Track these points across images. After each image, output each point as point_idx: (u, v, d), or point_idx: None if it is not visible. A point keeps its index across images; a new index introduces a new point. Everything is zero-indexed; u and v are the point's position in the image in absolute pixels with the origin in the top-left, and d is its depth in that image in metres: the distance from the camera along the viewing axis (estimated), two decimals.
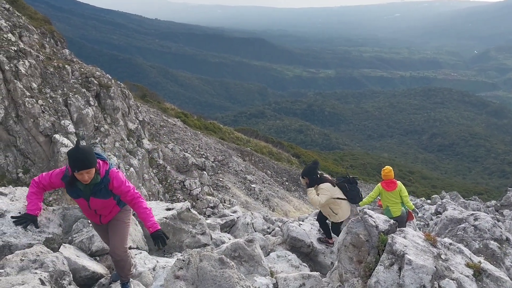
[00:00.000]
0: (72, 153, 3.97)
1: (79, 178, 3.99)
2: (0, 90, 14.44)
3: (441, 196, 24.85)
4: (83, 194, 4.22)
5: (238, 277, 2.84)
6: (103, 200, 4.29)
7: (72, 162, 3.91)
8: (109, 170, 4.29)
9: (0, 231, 3.53)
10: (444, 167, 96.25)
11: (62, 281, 2.85)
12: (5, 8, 17.86)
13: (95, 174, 4.10)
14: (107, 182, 4.22)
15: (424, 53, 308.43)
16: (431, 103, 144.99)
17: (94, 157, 4.09)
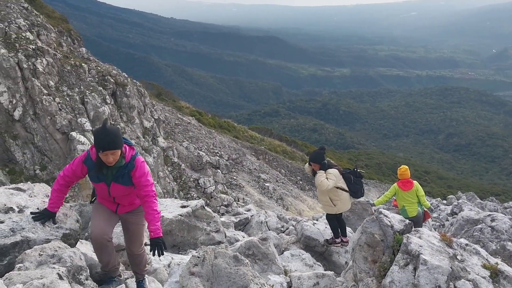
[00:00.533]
0: (98, 131, 3.83)
1: (103, 159, 3.85)
2: (18, 88, 14.67)
3: (457, 196, 24.58)
4: (105, 178, 4.06)
5: (252, 274, 2.85)
6: (124, 187, 4.10)
7: (98, 141, 3.77)
8: (136, 156, 4.13)
9: (19, 226, 3.60)
10: (460, 167, 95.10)
11: (79, 276, 2.90)
12: (24, 7, 18.12)
13: (120, 157, 3.95)
14: (131, 167, 4.05)
15: (441, 52, 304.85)
16: (448, 103, 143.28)
17: (121, 138, 3.95)
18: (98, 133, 3.80)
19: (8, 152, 14.42)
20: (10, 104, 14.38)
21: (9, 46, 15.23)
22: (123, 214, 4.36)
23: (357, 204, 11.82)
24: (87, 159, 4.03)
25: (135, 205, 4.36)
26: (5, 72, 14.40)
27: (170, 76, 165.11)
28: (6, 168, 14.14)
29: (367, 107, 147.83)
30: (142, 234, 4.48)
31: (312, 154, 7.72)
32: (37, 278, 2.54)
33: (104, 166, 3.96)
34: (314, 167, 7.53)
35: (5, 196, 3.98)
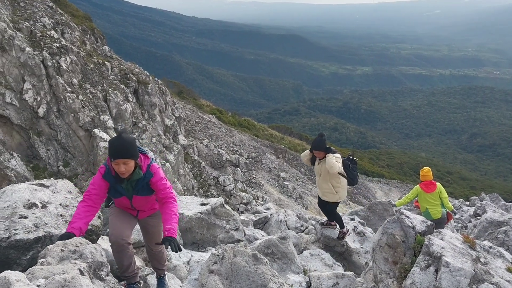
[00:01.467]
0: (112, 140, 3.76)
1: (115, 168, 3.74)
2: (43, 85, 14.95)
3: (481, 197, 24.11)
4: (126, 192, 3.99)
5: (271, 273, 2.84)
6: (146, 197, 4.08)
7: (111, 149, 3.71)
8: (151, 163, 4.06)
9: (42, 222, 3.67)
10: (484, 168, 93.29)
11: (100, 272, 2.93)
12: (49, 6, 18.44)
13: (137, 169, 3.87)
14: (150, 177, 3.99)
15: (465, 50, 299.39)
16: (472, 102, 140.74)
17: (136, 149, 3.84)
18: (112, 141, 3.75)
19: (32, 148, 14.71)
20: (35, 101, 14.66)
21: (34, 44, 15.53)
22: (143, 218, 4.33)
23: (378, 204, 11.72)
24: (106, 174, 3.92)
25: (155, 210, 4.34)
26: (30, 70, 14.68)
27: (191, 74, 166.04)
28: (30, 164, 14.43)
29: (389, 106, 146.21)
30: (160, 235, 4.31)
31: (315, 142, 7.45)
32: (59, 273, 2.57)
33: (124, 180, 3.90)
34: (318, 155, 7.44)
35: (28, 192, 4.05)
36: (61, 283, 2.45)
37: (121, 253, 3.92)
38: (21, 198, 3.90)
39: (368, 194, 33.73)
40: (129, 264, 4.05)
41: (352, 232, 8.60)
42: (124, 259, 3.98)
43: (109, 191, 4.01)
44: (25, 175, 13.29)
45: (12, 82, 14.25)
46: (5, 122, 14.11)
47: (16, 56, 14.45)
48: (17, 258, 3.39)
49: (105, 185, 3.91)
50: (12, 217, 3.62)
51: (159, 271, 4.54)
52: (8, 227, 3.48)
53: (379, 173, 49.38)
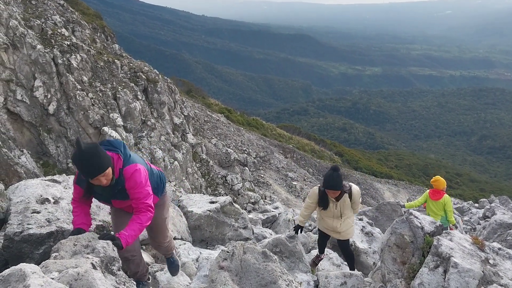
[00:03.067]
0: (76, 159, 3.27)
1: (96, 183, 3.39)
2: (53, 83, 15.07)
3: (490, 200, 23.96)
4: (103, 198, 3.68)
5: (280, 271, 2.86)
6: (126, 201, 3.70)
7: (81, 169, 3.29)
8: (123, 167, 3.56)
9: (54, 217, 3.72)
10: (494, 170, 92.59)
11: (112, 267, 2.97)
12: (60, 4, 18.59)
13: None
14: (122, 182, 3.56)
15: (476, 51, 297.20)
16: (482, 104, 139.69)
17: (105, 156, 3.35)
18: (77, 160, 3.27)
19: (42, 145, 14.84)
20: (45, 99, 14.79)
21: (45, 42, 15.65)
22: None
23: (386, 205, 11.70)
24: (79, 179, 3.57)
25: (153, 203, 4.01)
26: (41, 67, 14.81)
27: (200, 73, 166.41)
28: (40, 161, 14.55)
29: (398, 107, 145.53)
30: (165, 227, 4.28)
31: (330, 179, 5.72)
32: (72, 267, 2.62)
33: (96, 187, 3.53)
34: (334, 195, 5.81)
35: (41, 188, 4.11)
36: (74, 277, 2.49)
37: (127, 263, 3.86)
38: (34, 194, 3.96)
39: (376, 195, 33.62)
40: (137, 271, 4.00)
41: (360, 232, 8.60)
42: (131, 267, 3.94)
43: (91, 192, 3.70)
44: (35, 172, 13.41)
45: (23, 79, 14.39)
46: (16, 119, 14.25)
47: (27, 53, 14.58)
48: (30, 252, 3.44)
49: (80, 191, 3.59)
50: (25, 212, 3.68)
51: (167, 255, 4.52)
52: (21, 221, 3.54)
53: (388, 174, 49.20)
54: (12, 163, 12.83)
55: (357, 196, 5.98)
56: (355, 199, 5.94)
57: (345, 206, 5.94)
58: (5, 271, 2.31)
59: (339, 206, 5.90)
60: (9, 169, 12.60)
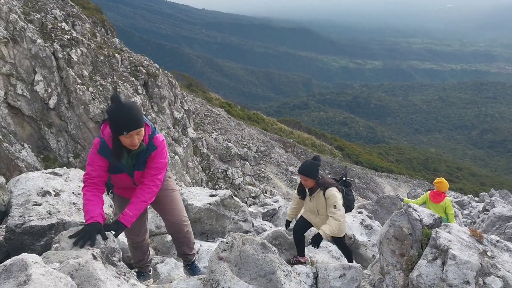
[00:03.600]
0: (116, 110, 3.07)
1: (127, 142, 3.14)
2: (54, 77, 15.09)
3: (490, 193, 23.99)
4: (126, 168, 3.41)
5: (279, 261, 2.90)
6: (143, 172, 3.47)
7: (120, 121, 3.05)
8: (153, 135, 3.40)
9: (55, 209, 3.75)
10: (494, 164, 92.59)
11: (113, 257, 3.01)
12: None
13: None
14: (153, 150, 3.39)
15: (477, 45, 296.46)
16: (483, 98, 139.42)
17: (142, 114, 3.22)
18: (117, 111, 3.06)
19: (43, 139, 14.88)
20: (46, 93, 14.82)
21: (45, 36, 15.66)
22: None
23: (386, 198, 11.74)
24: (102, 148, 3.27)
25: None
26: (41, 62, 14.82)
27: (201, 67, 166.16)
28: (41, 155, 14.60)
29: (399, 100, 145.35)
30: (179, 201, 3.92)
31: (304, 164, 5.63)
32: (73, 258, 2.65)
33: (124, 154, 3.31)
34: (305, 182, 5.60)
35: (42, 180, 4.14)
36: (75, 267, 2.53)
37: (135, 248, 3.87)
38: (35, 186, 4.00)
39: (377, 189, 33.67)
40: (142, 258, 3.97)
41: (360, 225, 8.64)
42: (137, 253, 3.91)
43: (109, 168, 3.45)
44: (36, 166, 13.46)
45: (23, 74, 14.41)
46: (17, 113, 14.28)
47: (27, 47, 14.59)
48: (31, 244, 3.48)
49: (103, 162, 3.31)
50: (26, 204, 3.72)
51: (188, 256, 4.12)
52: (22, 214, 3.58)
53: (388, 168, 49.24)
54: (13, 157, 12.88)
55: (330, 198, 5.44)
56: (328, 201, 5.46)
57: (320, 203, 5.58)
58: (7, 261, 2.34)
59: (314, 201, 5.64)
60: (10, 163, 12.65)
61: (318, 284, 5.31)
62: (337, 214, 5.42)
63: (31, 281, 2.15)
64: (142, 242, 3.80)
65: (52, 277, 2.26)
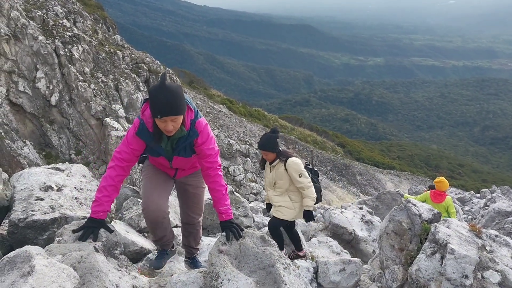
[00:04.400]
0: (156, 91, 2.91)
1: (161, 126, 3.01)
2: (55, 74, 15.13)
3: (491, 190, 24.01)
4: (164, 152, 3.33)
5: (278, 254, 2.93)
6: (188, 159, 3.41)
7: (156, 104, 2.91)
8: (195, 119, 3.25)
9: (58, 204, 3.79)
10: (496, 161, 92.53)
11: (114, 251, 3.05)
12: None
13: (180, 126, 3.10)
14: (195, 136, 3.23)
15: (479, 41, 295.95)
16: (485, 94, 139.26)
17: (184, 101, 3.05)
18: (156, 92, 2.91)
19: (45, 136, 14.93)
20: (47, 90, 14.86)
21: (47, 33, 15.70)
22: (181, 178, 3.74)
23: (386, 194, 11.78)
24: (140, 130, 3.17)
25: (197, 168, 3.69)
26: (43, 59, 14.86)
27: (202, 64, 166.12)
28: (43, 152, 14.66)
29: (400, 97, 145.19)
30: (202, 199, 3.92)
31: (263, 138, 5.41)
32: (75, 251, 2.70)
33: (164, 138, 3.19)
34: (266, 157, 5.41)
35: (44, 175, 4.18)
36: (78, 259, 2.57)
37: (155, 225, 3.58)
38: (38, 181, 4.04)
39: (378, 185, 33.71)
40: (163, 235, 3.76)
41: (360, 220, 8.68)
42: (158, 231, 3.67)
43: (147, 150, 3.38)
44: (38, 163, 13.51)
45: (25, 71, 14.45)
46: (18, 110, 14.33)
47: (29, 44, 14.63)
48: (34, 238, 3.52)
49: (140, 145, 3.24)
50: (29, 199, 3.76)
51: (192, 250, 4.10)
52: (25, 208, 3.62)
53: (390, 164, 49.27)
54: (15, 154, 12.93)
55: (292, 168, 5.18)
56: (290, 171, 5.19)
57: (278, 174, 5.29)
58: (11, 253, 2.39)
59: (273, 172, 5.36)
60: (12, 160, 12.71)
61: (318, 279, 5.35)
62: (305, 182, 5.20)
63: (34, 272, 2.19)
64: (162, 218, 3.57)
65: (55, 269, 2.30)
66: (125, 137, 3.28)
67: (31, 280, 2.14)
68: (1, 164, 11.58)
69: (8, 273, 2.22)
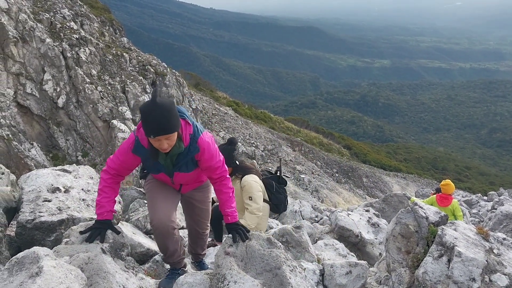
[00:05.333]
0: (147, 110, 2.81)
1: (156, 145, 2.93)
2: (62, 76, 15.22)
3: (499, 192, 23.85)
4: (164, 169, 3.23)
5: (285, 257, 2.94)
6: (189, 174, 3.31)
7: (147, 124, 2.83)
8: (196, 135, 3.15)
9: (65, 205, 3.82)
10: (503, 164, 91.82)
11: (121, 252, 3.06)
12: None
13: (177, 141, 3.00)
14: (195, 152, 3.15)
15: (486, 43, 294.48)
16: (492, 96, 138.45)
17: (178, 117, 2.95)
18: (148, 111, 2.81)
19: (52, 138, 15.02)
20: (55, 92, 14.95)
21: (54, 36, 15.80)
22: (187, 193, 3.62)
23: (393, 196, 11.72)
24: (136, 147, 3.10)
25: (202, 182, 3.62)
26: (50, 61, 14.95)
27: (208, 66, 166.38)
28: (50, 154, 14.74)
29: (407, 99, 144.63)
30: (209, 212, 3.85)
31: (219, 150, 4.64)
32: (82, 252, 2.72)
33: (161, 154, 3.10)
34: None
35: (52, 177, 4.21)
36: (85, 260, 2.59)
37: (166, 239, 3.38)
38: (45, 183, 4.06)
39: (385, 188, 33.58)
40: (175, 250, 3.52)
41: (366, 223, 8.65)
42: (170, 245, 3.44)
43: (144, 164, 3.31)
44: (45, 165, 13.59)
45: (32, 73, 14.54)
46: (26, 112, 14.42)
47: (36, 47, 14.72)
48: (42, 239, 3.55)
49: (134, 161, 3.18)
50: (37, 200, 3.79)
51: (199, 256, 4.13)
52: (33, 209, 3.64)
53: (396, 167, 49.08)
54: (22, 156, 13.02)
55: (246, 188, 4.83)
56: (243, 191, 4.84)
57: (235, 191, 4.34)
58: (19, 254, 2.41)
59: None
60: (19, 162, 12.79)
61: (324, 281, 5.34)
62: (252, 207, 4.79)
63: (42, 273, 2.21)
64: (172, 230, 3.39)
65: (63, 269, 2.32)
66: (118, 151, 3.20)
67: (39, 281, 2.15)
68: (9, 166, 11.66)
69: (17, 274, 2.24)
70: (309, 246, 6.11)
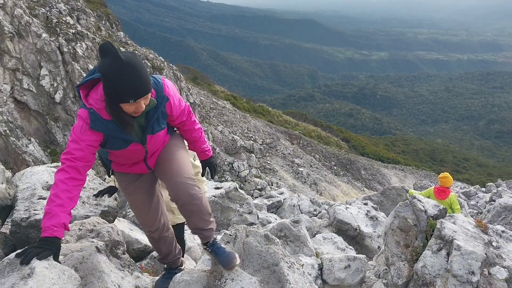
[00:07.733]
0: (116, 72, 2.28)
1: (131, 110, 2.43)
2: (59, 71, 15.13)
3: (497, 184, 23.90)
4: (134, 136, 2.65)
5: (282, 253, 2.91)
6: (163, 132, 2.81)
7: (122, 89, 2.30)
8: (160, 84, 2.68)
9: None
10: (501, 155, 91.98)
11: (117, 250, 3.03)
12: None
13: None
14: (165, 102, 2.68)
15: (484, 35, 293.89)
16: (490, 88, 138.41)
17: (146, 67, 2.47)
18: (117, 74, 2.27)
19: (49, 133, 14.95)
20: (52, 87, 14.87)
21: (50, 31, 15.70)
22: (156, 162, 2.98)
23: (391, 189, 11.72)
24: (94, 122, 2.49)
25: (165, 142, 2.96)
26: (47, 56, 14.86)
27: (206, 60, 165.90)
28: (47, 149, 14.68)
29: (405, 91, 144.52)
30: (186, 156, 2.98)
31: None
32: (77, 251, 2.68)
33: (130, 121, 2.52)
34: None
35: (47, 174, 4.17)
36: (79, 260, 2.55)
37: (157, 243, 3.26)
38: (40, 180, 4.02)
39: (383, 180, 33.61)
40: (169, 251, 3.38)
41: (365, 216, 8.64)
42: (163, 248, 3.31)
43: (106, 141, 2.63)
44: (43, 160, 13.54)
45: (29, 68, 14.46)
46: (23, 107, 14.35)
47: (32, 42, 14.63)
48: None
49: (97, 139, 2.56)
50: (32, 198, 3.74)
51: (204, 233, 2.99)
52: (28, 207, 3.60)
53: (395, 159, 49.09)
54: (20, 151, 12.96)
55: None
56: None
57: None
58: (11, 254, 2.37)
59: None
60: (17, 158, 12.74)
61: (323, 275, 5.33)
62: None
63: (34, 274, 2.17)
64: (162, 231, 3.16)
65: (56, 270, 2.28)
66: (71, 137, 2.57)
67: (31, 282, 2.12)
68: (7, 162, 11.61)
69: (8, 275, 2.20)
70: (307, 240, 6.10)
